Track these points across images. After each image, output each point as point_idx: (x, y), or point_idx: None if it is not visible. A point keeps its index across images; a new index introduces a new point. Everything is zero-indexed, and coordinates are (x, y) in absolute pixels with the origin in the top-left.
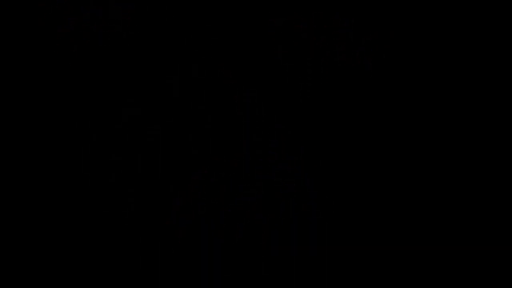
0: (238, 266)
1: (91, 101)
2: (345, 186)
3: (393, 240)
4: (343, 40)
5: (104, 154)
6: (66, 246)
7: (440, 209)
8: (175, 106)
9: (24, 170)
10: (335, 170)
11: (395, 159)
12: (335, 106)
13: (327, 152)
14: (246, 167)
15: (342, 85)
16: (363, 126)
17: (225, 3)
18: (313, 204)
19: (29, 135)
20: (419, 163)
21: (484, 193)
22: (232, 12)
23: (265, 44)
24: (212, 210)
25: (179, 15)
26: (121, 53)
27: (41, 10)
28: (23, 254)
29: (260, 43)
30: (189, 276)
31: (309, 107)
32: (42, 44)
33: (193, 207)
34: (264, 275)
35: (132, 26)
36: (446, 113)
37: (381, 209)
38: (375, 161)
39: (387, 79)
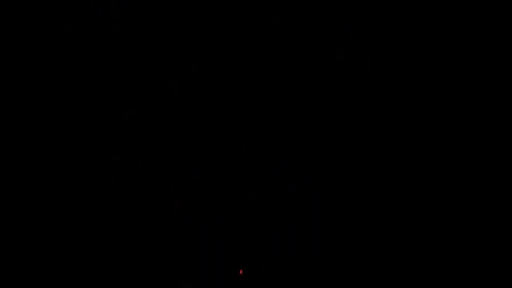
0: (238, 266)
1: (91, 101)
2: (345, 186)
3: (393, 240)
4: (343, 40)
5: (104, 154)
6: (66, 246)
7: (440, 209)
8: (175, 106)
9: (24, 170)
10: (335, 170)
11: (395, 159)
12: (335, 106)
13: (327, 152)
14: (246, 167)
15: (342, 85)
16: (363, 126)
17: (225, 3)
18: (313, 204)
19: (29, 135)
20: (419, 163)
21: (484, 193)
22: (232, 12)
23: (265, 44)
24: (212, 210)
25: (179, 15)
26: (121, 53)
27: (41, 10)
28: (23, 253)
29: (260, 43)
30: (189, 276)
31: (309, 107)
32: (42, 44)
33: (193, 207)
34: (264, 275)
35: (132, 26)
36: (446, 113)
37: (381, 209)
38: (375, 161)
39: (387, 79)
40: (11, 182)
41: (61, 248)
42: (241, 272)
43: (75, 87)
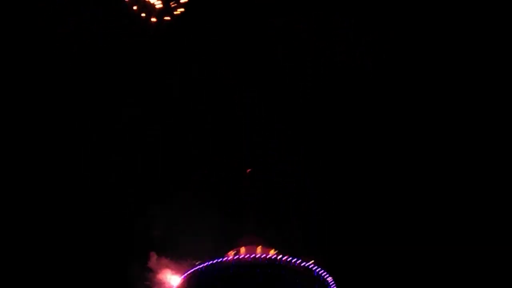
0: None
1: (91, 101)
2: (345, 186)
3: (393, 240)
4: (343, 40)
5: (104, 154)
6: (66, 246)
7: (440, 209)
8: (175, 106)
9: (23, 169)
10: (335, 170)
11: (395, 159)
12: (335, 106)
13: (327, 152)
14: (246, 167)
15: (342, 85)
16: (363, 126)
17: (225, 3)
18: (313, 204)
19: (28, 134)
20: (419, 163)
21: (484, 193)
22: (232, 12)
23: (265, 44)
24: (212, 210)
25: (179, 15)
26: (121, 53)
27: (41, 10)
28: (23, 253)
29: (260, 43)
30: (189, 275)
31: (309, 107)
32: (42, 44)
33: (193, 207)
34: (264, 275)
35: (132, 26)
36: (446, 113)
37: (381, 210)
38: (375, 161)
39: (387, 79)
40: (11, 182)
41: (61, 247)
42: (248, 171)
43: (75, 87)
